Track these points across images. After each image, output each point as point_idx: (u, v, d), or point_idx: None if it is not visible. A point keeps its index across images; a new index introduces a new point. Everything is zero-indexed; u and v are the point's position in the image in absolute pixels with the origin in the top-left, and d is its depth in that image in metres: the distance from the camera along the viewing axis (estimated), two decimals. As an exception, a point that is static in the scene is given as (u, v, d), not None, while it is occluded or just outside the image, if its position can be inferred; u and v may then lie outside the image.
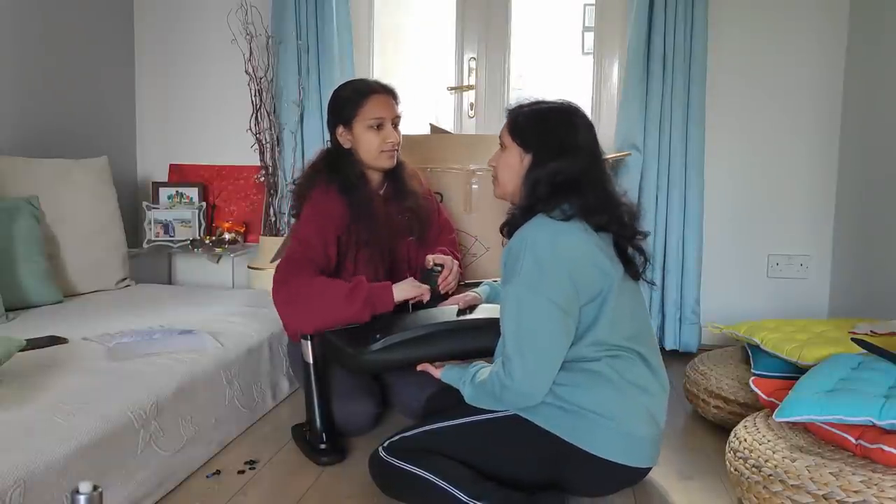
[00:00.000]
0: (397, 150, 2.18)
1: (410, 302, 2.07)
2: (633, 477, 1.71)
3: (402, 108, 2.21)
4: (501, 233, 1.74)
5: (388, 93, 2.17)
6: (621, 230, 1.68)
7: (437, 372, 1.79)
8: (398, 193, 2.24)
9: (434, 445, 1.69)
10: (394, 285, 2.04)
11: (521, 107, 1.74)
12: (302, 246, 2.09)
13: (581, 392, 1.60)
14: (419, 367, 1.85)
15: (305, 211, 2.17)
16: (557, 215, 1.62)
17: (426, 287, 2.08)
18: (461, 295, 2.07)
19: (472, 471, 1.64)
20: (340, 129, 2.16)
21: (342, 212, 2.13)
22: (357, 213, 2.14)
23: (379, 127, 2.13)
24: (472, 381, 1.67)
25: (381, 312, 2.00)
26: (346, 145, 2.16)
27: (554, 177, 1.64)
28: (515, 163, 1.70)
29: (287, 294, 2.04)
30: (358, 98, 2.12)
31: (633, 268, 1.70)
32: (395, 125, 2.17)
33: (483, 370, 1.68)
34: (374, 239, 2.16)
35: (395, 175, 2.24)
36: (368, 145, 2.13)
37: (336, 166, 2.17)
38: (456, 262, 2.21)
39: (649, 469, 1.72)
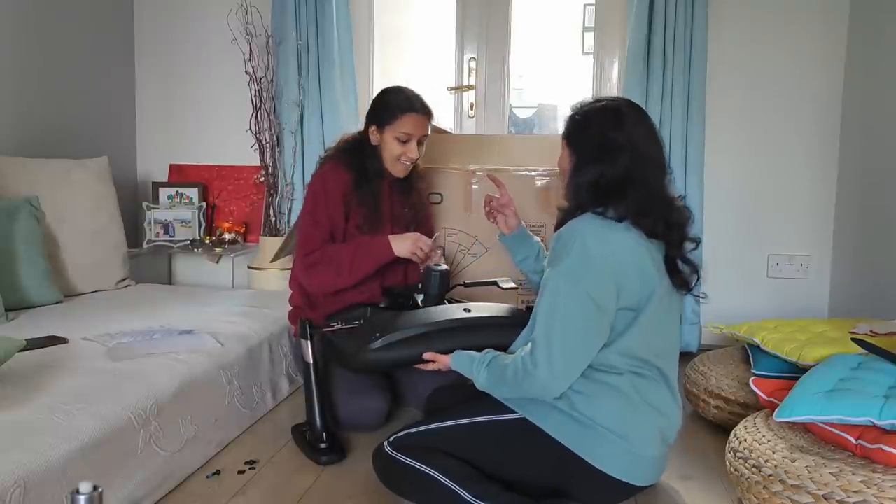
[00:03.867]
0: (412, 164, 2.32)
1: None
2: (636, 492, 1.70)
3: (431, 128, 2.36)
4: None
5: (426, 114, 2.29)
6: (668, 233, 1.63)
7: (446, 359, 1.75)
8: (403, 187, 2.36)
9: (440, 443, 1.68)
10: (392, 238, 2.19)
11: (579, 105, 1.70)
12: (312, 245, 2.23)
13: (596, 405, 1.57)
14: (427, 355, 1.81)
15: (312, 187, 2.29)
16: (610, 215, 1.59)
17: (427, 244, 2.18)
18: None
19: (477, 471, 1.63)
20: (373, 129, 2.28)
21: (346, 180, 2.26)
22: (360, 181, 2.26)
23: (405, 142, 2.25)
24: (487, 365, 1.64)
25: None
26: (374, 142, 2.28)
27: (596, 181, 1.61)
28: (566, 165, 1.69)
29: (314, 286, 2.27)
30: (398, 111, 2.24)
31: (679, 278, 1.65)
32: (421, 143, 2.30)
33: (501, 355, 1.65)
34: (371, 209, 2.27)
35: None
36: (390, 152, 2.27)
37: (359, 151, 2.31)
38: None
39: (653, 485, 1.71)
